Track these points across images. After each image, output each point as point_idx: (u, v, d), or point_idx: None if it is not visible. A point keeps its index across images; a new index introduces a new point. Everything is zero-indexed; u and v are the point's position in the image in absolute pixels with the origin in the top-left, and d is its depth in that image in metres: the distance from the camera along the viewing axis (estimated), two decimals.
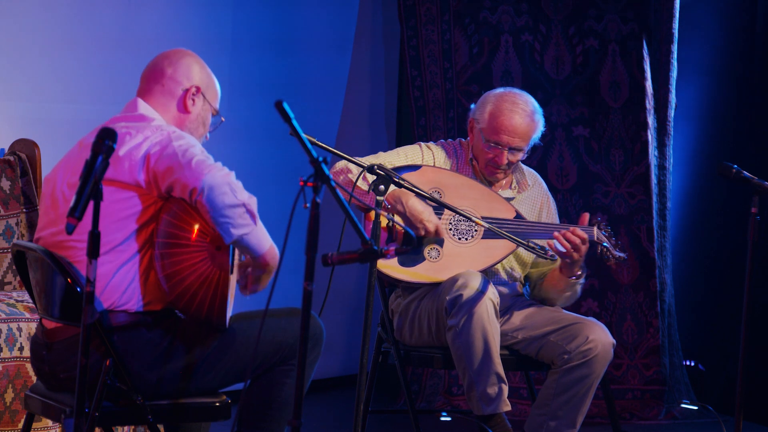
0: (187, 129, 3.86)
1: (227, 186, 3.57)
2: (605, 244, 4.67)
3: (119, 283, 3.66)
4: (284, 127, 3.34)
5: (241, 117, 6.24)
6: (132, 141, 3.66)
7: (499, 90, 4.77)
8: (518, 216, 4.68)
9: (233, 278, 3.73)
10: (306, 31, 6.62)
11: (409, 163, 4.73)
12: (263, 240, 3.66)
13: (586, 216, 4.68)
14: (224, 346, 3.75)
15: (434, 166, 4.76)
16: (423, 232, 4.59)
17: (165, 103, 3.84)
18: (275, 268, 3.69)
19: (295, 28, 6.58)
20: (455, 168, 4.79)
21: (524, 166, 4.91)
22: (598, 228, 4.68)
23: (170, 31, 5.95)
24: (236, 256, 3.74)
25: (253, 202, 3.62)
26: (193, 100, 3.86)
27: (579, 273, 4.67)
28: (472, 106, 4.81)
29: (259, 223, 3.65)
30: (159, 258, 3.65)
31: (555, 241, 4.59)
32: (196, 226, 3.64)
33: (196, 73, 3.88)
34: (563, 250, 4.57)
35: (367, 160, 4.60)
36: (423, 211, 4.58)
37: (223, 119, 3.93)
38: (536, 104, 4.74)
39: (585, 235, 4.58)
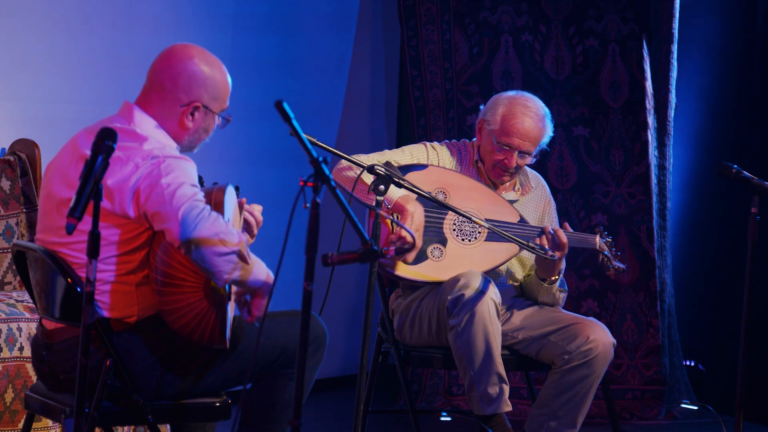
0: (187, 141, 3.75)
1: (215, 237, 3.49)
2: (606, 252, 4.70)
3: (116, 300, 3.64)
4: (284, 128, 3.33)
5: (241, 119, 6.24)
6: (122, 170, 3.56)
7: (511, 93, 4.77)
8: (522, 220, 4.68)
9: (231, 302, 3.72)
10: (306, 32, 6.62)
11: (415, 162, 4.73)
12: (259, 274, 3.61)
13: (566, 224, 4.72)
14: (226, 352, 3.74)
15: (439, 166, 4.76)
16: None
17: (164, 116, 3.70)
18: (271, 290, 3.64)
19: (295, 31, 6.58)
20: (459, 169, 4.79)
21: (528, 168, 4.91)
22: (600, 236, 4.71)
23: (170, 33, 5.95)
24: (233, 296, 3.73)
25: (242, 244, 3.53)
26: (192, 116, 3.71)
27: (553, 278, 4.68)
28: (481, 107, 4.80)
29: (253, 258, 3.59)
30: (157, 293, 3.63)
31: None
32: (187, 265, 3.58)
33: (198, 84, 3.70)
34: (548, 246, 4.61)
35: (372, 158, 4.60)
36: (417, 228, 4.54)
37: (229, 119, 3.78)
38: (546, 109, 4.75)
39: (565, 240, 4.61)
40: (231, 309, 3.71)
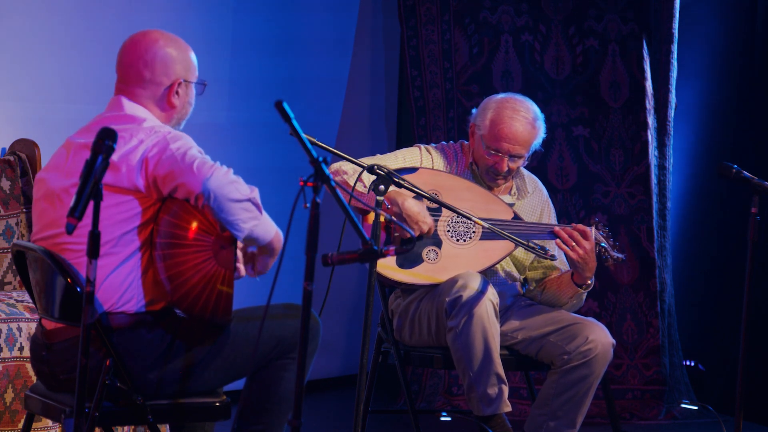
0: (176, 118, 3.85)
1: (231, 185, 3.59)
2: (603, 244, 4.67)
3: (118, 284, 3.65)
4: (284, 128, 3.34)
5: (241, 118, 6.24)
6: (126, 145, 3.62)
7: (501, 96, 4.75)
8: (516, 217, 4.68)
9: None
10: (306, 32, 6.62)
11: (407, 165, 4.73)
12: (270, 228, 3.70)
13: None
14: (223, 345, 3.75)
15: (432, 168, 4.75)
16: (418, 233, 4.58)
17: (150, 102, 3.80)
18: (280, 250, 3.71)
19: (295, 29, 6.58)
20: (454, 172, 4.79)
21: (525, 171, 4.90)
22: (596, 228, 4.68)
23: (171, 32, 5.94)
24: (238, 251, 3.75)
25: (255, 193, 3.64)
26: (178, 93, 3.81)
27: (589, 283, 4.66)
28: (474, 110, 4.79)
29: (264, 212, 3.68)
30: (161, 259, 3.64)
31: (559, 242, 4.60)
32: (197, 225, 3.63)
33: (172, 63, 3.80)
34: (567, 247, 4.57)
35: (365, 162, 4.60)
36: (419, 212, 4.57)
37: (205, 83, 3.88)
38: (538, 110, 4.72)
39: (586, 228, 4.58)
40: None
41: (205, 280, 3.64)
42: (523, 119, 4.65)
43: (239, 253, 3.78)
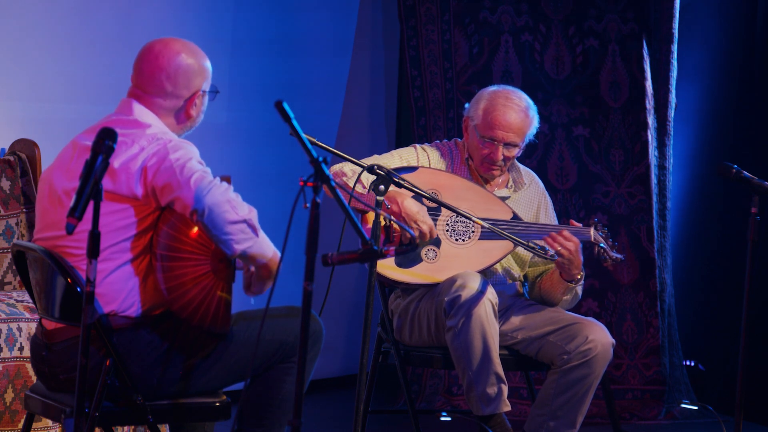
0: (188, 126, 3.83)
1: (227, 204, 3.55)
2: (602, 245, 4.67)
3: (118, 291, 3.65)
4: (284, 128, 3.34)
5: (241, 119, 6.24)
6: (127, 152, 3.61)
7: (493, 87, 4.78)
8: (515, 217, 4.68)
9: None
10: (306, 32, 6.63)
11: (405, 164, 4.73)
12: (266, 250, 3.66)
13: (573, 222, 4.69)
14: (224, 347, 3.75)
15: (430, 167, 4.76)
16: (417, 233, 4.58)
17: (167, 113, 3.78)
18: (277, 273, 3.68)
19: (295, 29, 6.59)
20: (450, 169, 4.79)
21: (520, 165, 4.91)
22: (595, 229, 4.69)
23: (170, 32, 5.95)
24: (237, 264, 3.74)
25: (253, 215, 3.60)
26: (196, 103, 3.80)
27: (578, 277, 4.67)
28: (467, 105, 4.81)
29: (261, 233, 3.64)
30: (161, 270, 3.63)
31: (547, 244, 4.60)
32: (196, 239, 3.61)
33: (194, 76, 3.78)
34: (556, 250, 4.58)
35: (364, 163, 4.60)
36: (418, 212, 4.58)
37: (217, 91, 3.86)
38: (530, 101, 4.75)
39: (570, 235, 4.58)
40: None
41: (204, 292, 3.64)
42: (516, 107, 4.68)
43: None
